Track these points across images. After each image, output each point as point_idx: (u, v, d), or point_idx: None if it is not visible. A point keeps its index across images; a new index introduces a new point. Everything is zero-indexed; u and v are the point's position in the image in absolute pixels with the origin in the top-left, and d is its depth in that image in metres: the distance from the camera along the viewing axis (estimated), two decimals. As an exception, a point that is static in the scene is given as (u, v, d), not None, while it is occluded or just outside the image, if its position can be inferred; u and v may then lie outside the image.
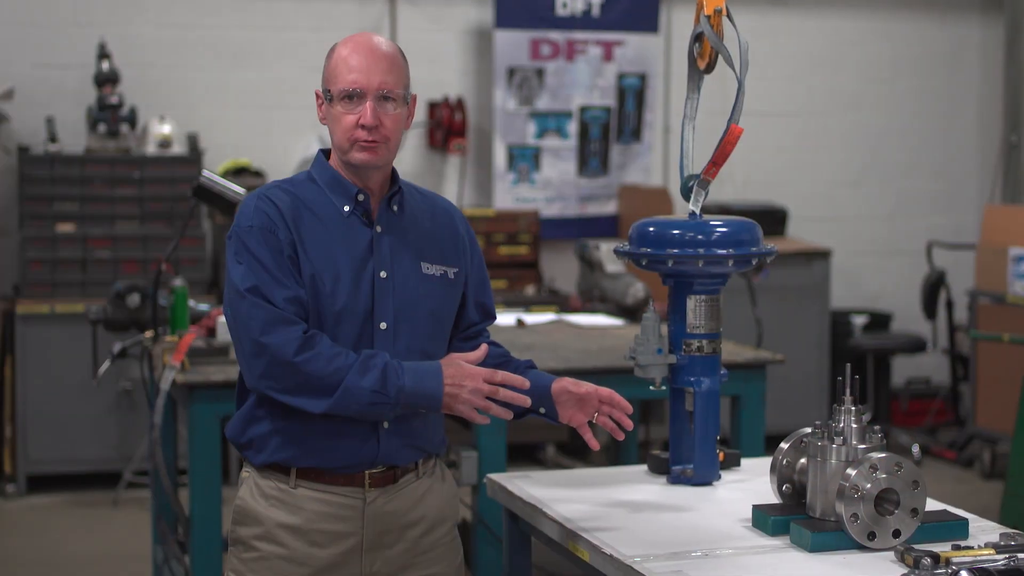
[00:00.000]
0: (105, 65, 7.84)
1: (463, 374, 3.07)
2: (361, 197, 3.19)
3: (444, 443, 3.35)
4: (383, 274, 3.17)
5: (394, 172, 3.27)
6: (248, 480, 3.23)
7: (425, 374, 3.06)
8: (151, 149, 7.97)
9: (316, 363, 3.03)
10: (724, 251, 3.50)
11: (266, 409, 3.15)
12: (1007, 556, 2.81)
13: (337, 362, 3.03)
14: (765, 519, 3.13)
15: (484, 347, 3.16)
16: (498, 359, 3.34)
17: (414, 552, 3.24)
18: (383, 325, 3.15)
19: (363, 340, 3.13)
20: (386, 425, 3.16)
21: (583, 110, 8.94)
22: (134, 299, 6.27)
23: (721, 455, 3.64)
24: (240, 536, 3.22)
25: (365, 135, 3.12)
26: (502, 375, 3.08)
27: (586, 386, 3.25)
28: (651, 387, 3.60)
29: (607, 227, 8.97)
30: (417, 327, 3.19)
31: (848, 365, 3.18)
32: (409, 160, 8.73)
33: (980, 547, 2.90)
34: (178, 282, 5.39)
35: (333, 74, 3.15)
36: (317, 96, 3.20)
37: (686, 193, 3.63)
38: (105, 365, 6.29)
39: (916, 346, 8.87)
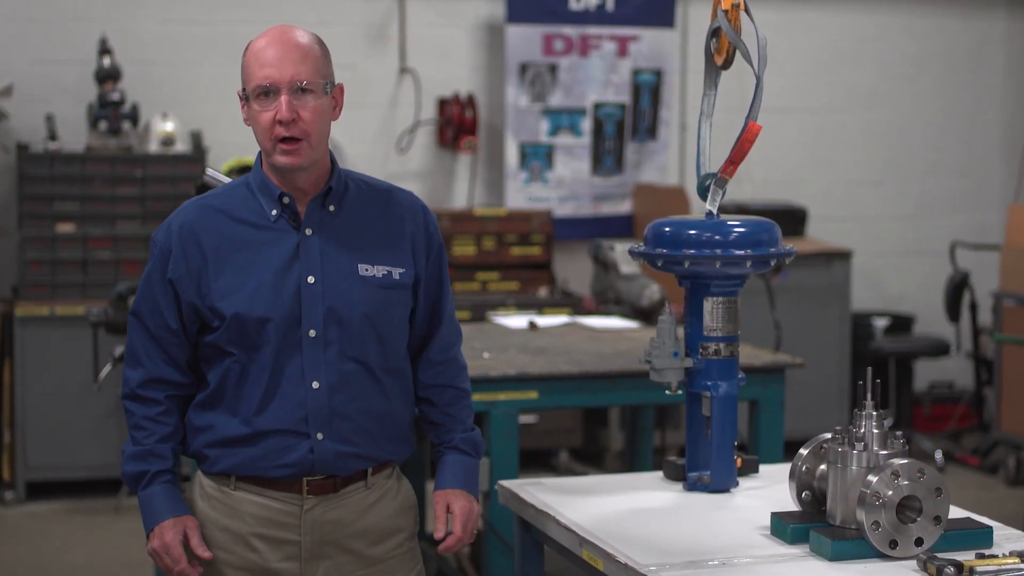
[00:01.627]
0: (106, 61, 7.77)
1: (163, 531, 3.13)
2: (286, 200, 3.14)
3: (406, 449, 3.30)
4: (311, 279, 3.11)
5: (334, 168, 3.18)
6: (196, 478, 3.25)
7: (151, 510, 3.15)
8: (153, 147, 7.90)
9: (126, 417, 3.18)
10: (742, 252, 3.50)
11: (200, 425, 3.18)
12: (1032, 564, 2.85)
13: (135, 430, 3.17)
14: (784, 527, 3.12)
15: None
16: (439, 438, 3.38)
17: (361, 564, 3.21)
18: (312, 333, 3.11)
19: (287, 348, 3.11)
20: (320, 436, 3.12)
21: (597, 107, 8.86)
22: (135, 301, 6.22)
23: (739, 461, 3.63)
24: None
25: (283, 131, 3.05)
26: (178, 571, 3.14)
27: (455, 525, 3.30)
28: (667, 391, 3.61)
29: (622, 227, 8.89)
30: (350, 334, 3.13)
31: (869, 369, 3.18)
32: (418, 158, 8.69)
33: (1005, 556, 2.92)
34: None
35: (247, 72, 3.11)
36: (239, 98, 3.13)
37: (703, 192, 3.62)
38: (106, 369, 6.34)
39: (939, 349, 8.80)
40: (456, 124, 8.56)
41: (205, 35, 8.30)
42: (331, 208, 3.16)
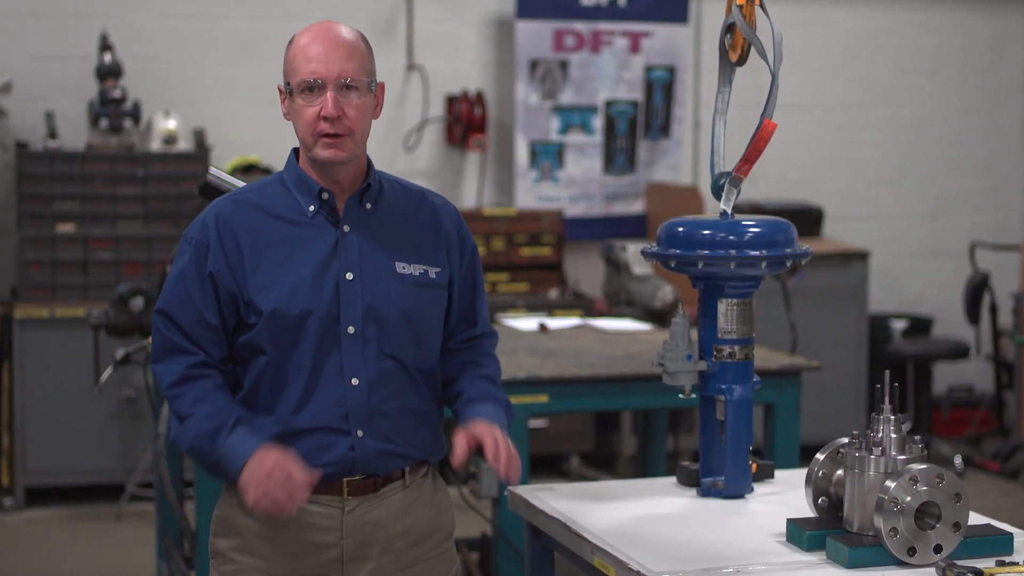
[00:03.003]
0: (107, 57, 7.72)
1: (263, 468, 2.97)
2: (325, 196, 3.14)
3: (439, 449, 3.28)
4: (349, 276, 3.11)
5: (370, 166, 3.20)
6: (228, 487, 3.19)
7: (241, 446, 3.01)
8: (155, 145, 7.86)
9: (181, 401, 3.06)
10: (757, 252, 3.50)
11: None
12: (1053, 571, 2.84)
13: (196, 408, 3.04)
14: (800, 534, 3.12)
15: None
16: (464, 398, 3.26)
17: (400, 564, 3.19)
18: (351, 329, 3.10)
19: (327, 345, 3.09)
20: (360, 433, 3.10)
21: (609, 104, 8.79)
22: (137, 303, 6.33)
23: (754, 466, 3.63)
24: (219, 548, 3.20)
25: (328, 127, 3.07)
26: (297, 498, 2.99)
27: (500, 451, 3.11)
28: (680, 395, 3.62)
29: (634, 227, 8.84)
30: (388, 331, 3.13)
31: (887, 372, 3.15)
32: (427, 157, 8.65)
33: (1025, 562, 2.92)
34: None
35: (292, 66, 3.12)
36: (280, 92, 3.14)
37: (717, 191, 3.61)
38: (107, 372, 6.41)
39: (958, 352, 8.77)
40: (465, 122, 8.51)
41: (208, 31, 8.27)
42: (368, 206, 3.17)
